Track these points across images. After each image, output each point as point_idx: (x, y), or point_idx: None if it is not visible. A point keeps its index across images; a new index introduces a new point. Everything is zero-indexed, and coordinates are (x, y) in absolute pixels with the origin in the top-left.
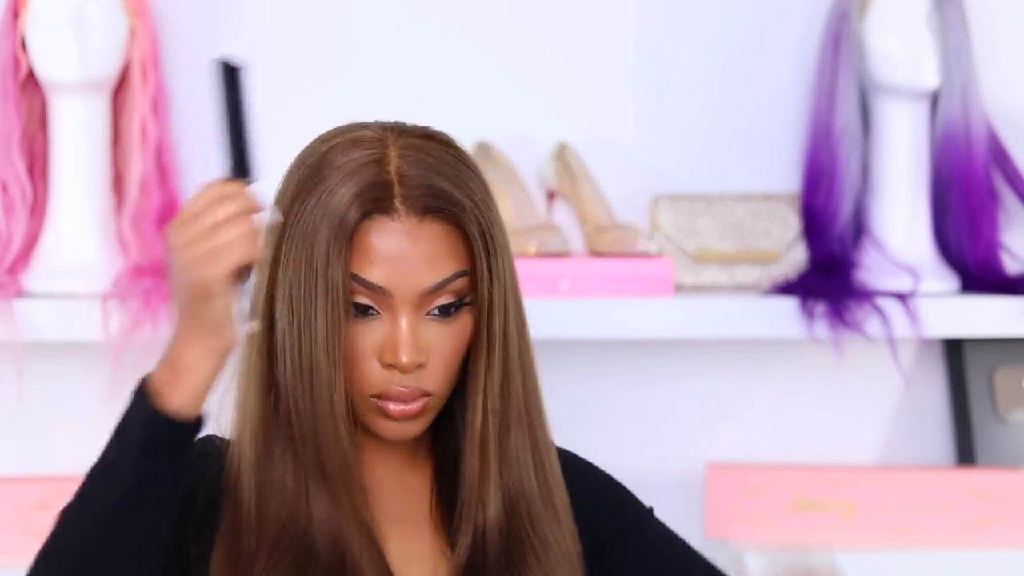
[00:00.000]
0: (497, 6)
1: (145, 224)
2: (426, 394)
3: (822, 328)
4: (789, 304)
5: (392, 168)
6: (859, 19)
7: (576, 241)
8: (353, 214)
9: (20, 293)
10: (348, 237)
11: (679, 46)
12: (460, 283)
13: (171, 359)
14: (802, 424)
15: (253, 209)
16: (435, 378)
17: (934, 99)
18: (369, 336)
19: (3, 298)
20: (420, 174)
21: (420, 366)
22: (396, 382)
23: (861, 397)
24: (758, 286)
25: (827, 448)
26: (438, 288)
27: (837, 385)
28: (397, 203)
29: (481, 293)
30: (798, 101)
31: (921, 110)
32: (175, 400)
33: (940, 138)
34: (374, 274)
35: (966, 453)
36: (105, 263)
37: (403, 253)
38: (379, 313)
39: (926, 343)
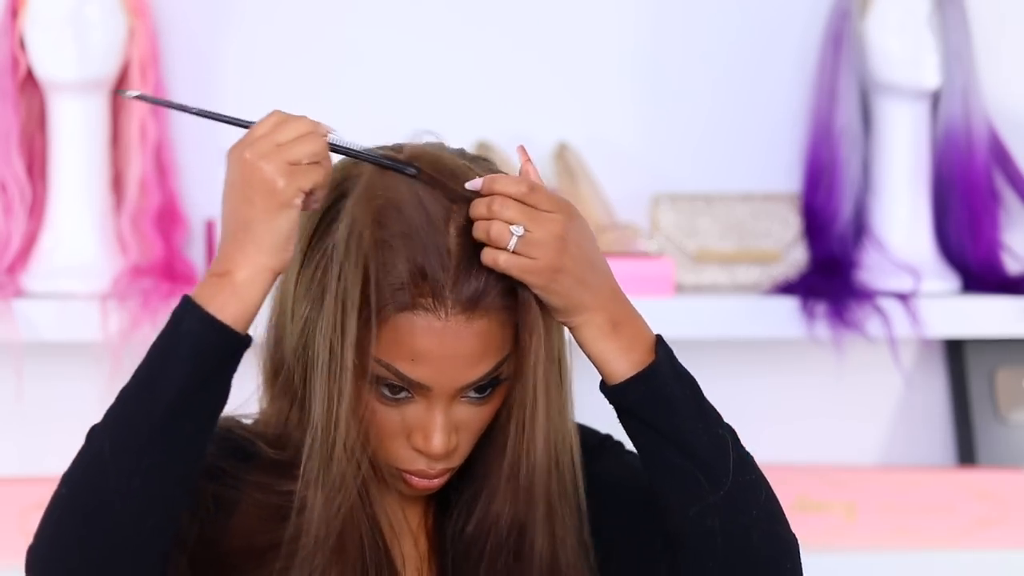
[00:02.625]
0: (497, 6)
1: (145, 224)
2: (451, 469)
3: (822, 328)
4: (789, 304)
5: (451, 256)
6: (860, 18)
7: None
8: (398, 300)
9: (19, 293)
10: (381, 321)
11: (679, 46)
12: (502, 368)
13: (224, 276)
14: (802, 424)
15: (323, 130)
16: (462, 454)
17: (935, 99)
18: (399, 417)
19: (2, 298)
20: (474, 264)
21: (451, 451)
22: (424, 464)
23: (861, 397)
24: (758, 286)
25: (827, 448)
26: (479, 381)
27: (837, 385)
28: (447, 297)
29: (518, 370)
30: (798, 101)
31: (922, 110)
32: (228, 312)
33: (941, 138)
34: (414, 371)
35: (967, 453)
36: (104, 263)
37: (447, 353)
38: (412, 396)
39: (927, 343)
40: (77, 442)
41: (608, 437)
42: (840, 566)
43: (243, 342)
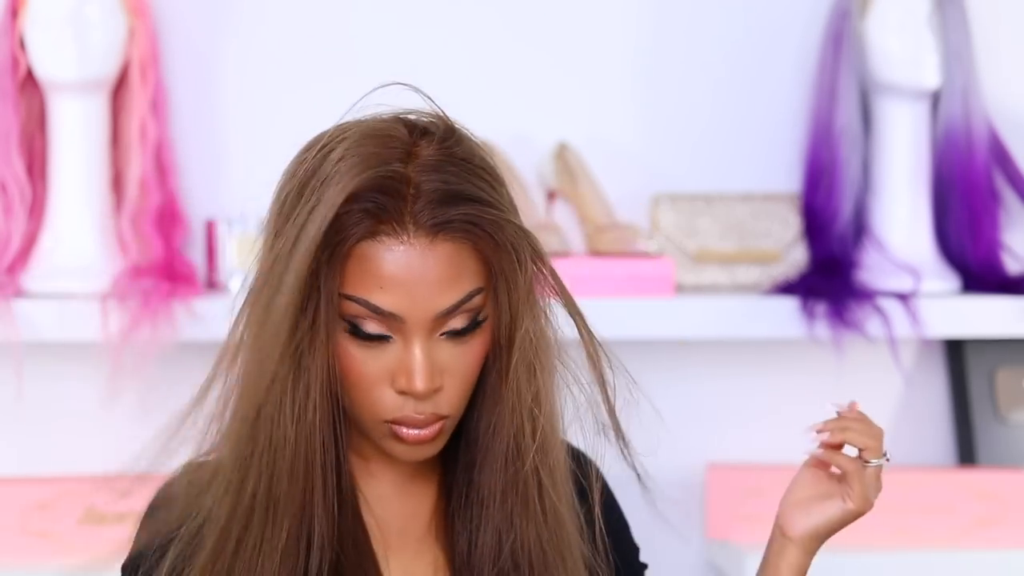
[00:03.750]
0: (497, 6)
1: (144, 224)
2: (442, 417)
3: (822, 328)
4: (789, 304)
5: (410, 178)
6: (860, 18)
7: (576, 241)
8: (356, 231)
9: (19, 293)
10: (344, 255)
11: (679, 46)
12: (475, 301)
13: None
14: (802, 424)
15: None
16: (451, 400)
17: (935, 99)
18: (380, 361)
19: (2, 298)
20: (435, 187)
21: (436, 391)
22: (411, 408)
23: (861, 397)
24: (758, 286)
25: None
26: (452, 310)
27: (837, 385)
28: (407, 220)
29: (498, 308)
30: (798, 101)
31: (922, 110)
32: None
33: (941, 138)
34: (384, 300)
35: (967, 453)
36: (104, 263)
37: (414, 277)
38: (390, 337)
39: (927, 343)
40: (77, 442)
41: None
42: (840, 566)
43: None
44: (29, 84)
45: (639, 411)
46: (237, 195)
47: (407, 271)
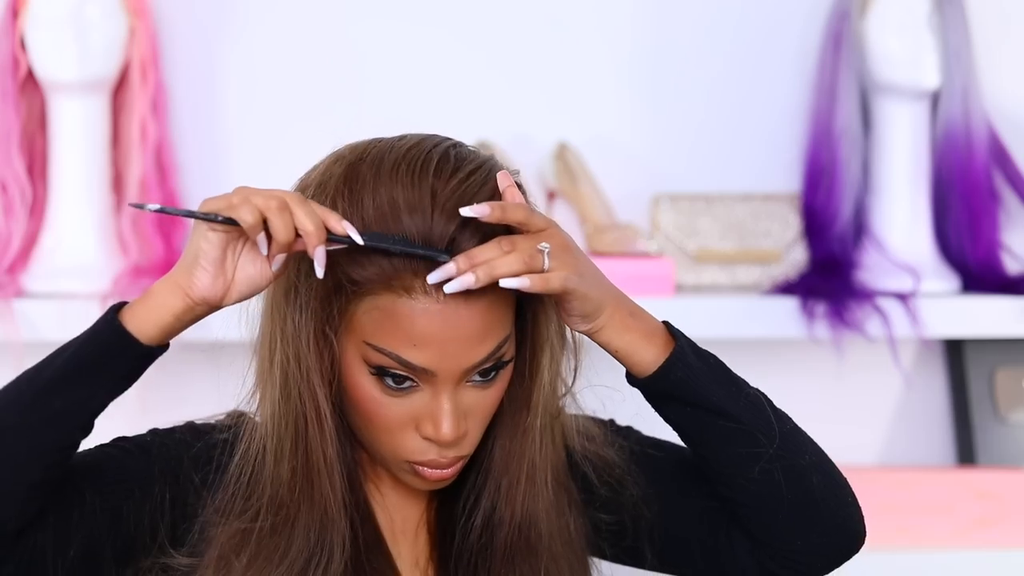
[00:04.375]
0: (497, 6)
1: (145, 224)
2: (463, 457)
3: (822, 328)
4: (789, 304)
5: (444, 238)
6: (859, 19)
7: (576, 241)
8: (394, 286)
9: (19, 293)
10: (370, 305)
11: (679, 46)
12: (504, 348)
13: (146, 289)
14: (802, 424)
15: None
16: (473, 441)
17: (934, 99)
18: (406, 407)
19: (2, 298)
20: (468, 236)
21: (462, 436)
22: (435, 453)
23: (861, 397)
24: (758, 286)
25: (827, 448)
26: (484, 362)
27: (837, 385)
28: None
29: (523, 342)
30: (798, 101)
31: (921, 110)
32: (131, 315)
33: (940, 138)
34: (417, 357)
35: (966, 453)
36: (105, 263)
37: (448, 335)
38: (417, 384)
39: (926, 343)
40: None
41: (613, 421)
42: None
43: (131, 343)
44: (30, 84)
45: (640, 410)
46: None
47: (442, 329)
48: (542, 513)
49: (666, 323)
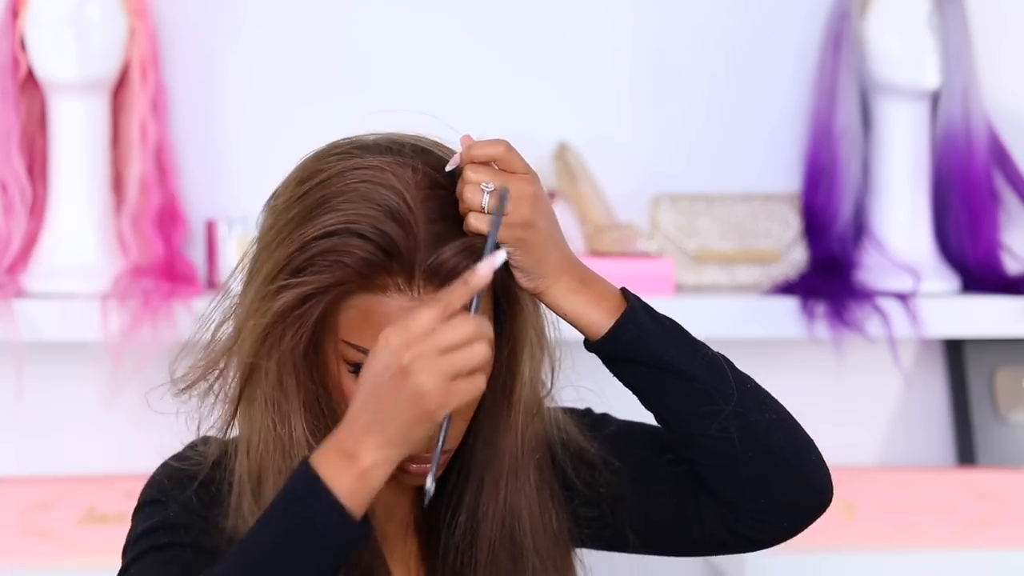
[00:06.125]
0: (497, 6)
1: (145, 224)
2: (446, 451)
3: (822, 328)
4: (789, 304)
5: (414, 229)
6: (859, 19)
7: (576, 241)
8: (367, 283)
9: (19, 293)
10: (346, 305)
11: (679, 46)
12: None
13: (352, 458)
14: (802, 424)
15: (489, 335)
16: (457, 436)
17: (934, 99)
18: None
19: (2, 298)
20: (436, 231)
21: None
22: (418, 449)
23: (861, 397)
24: (758, 286)
25: (827, 448)
26: None
27: (837, 385)
28: (417, 275)
29: (501, 335)
30: (798, 101)
31: (921, 110)
32: (356, 501)
33: (940, 138)
34: None
35: (966, 453)
36: (105, 263)
37: None
38: None
39: (926, 343)
40: (77, 442)
41: (590, 410)
42: (839, 566)
43: (367, 533)
44: (30, 84)
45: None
46: (237, 195)
47: None
48: (525, 509)
49: (623, 289)
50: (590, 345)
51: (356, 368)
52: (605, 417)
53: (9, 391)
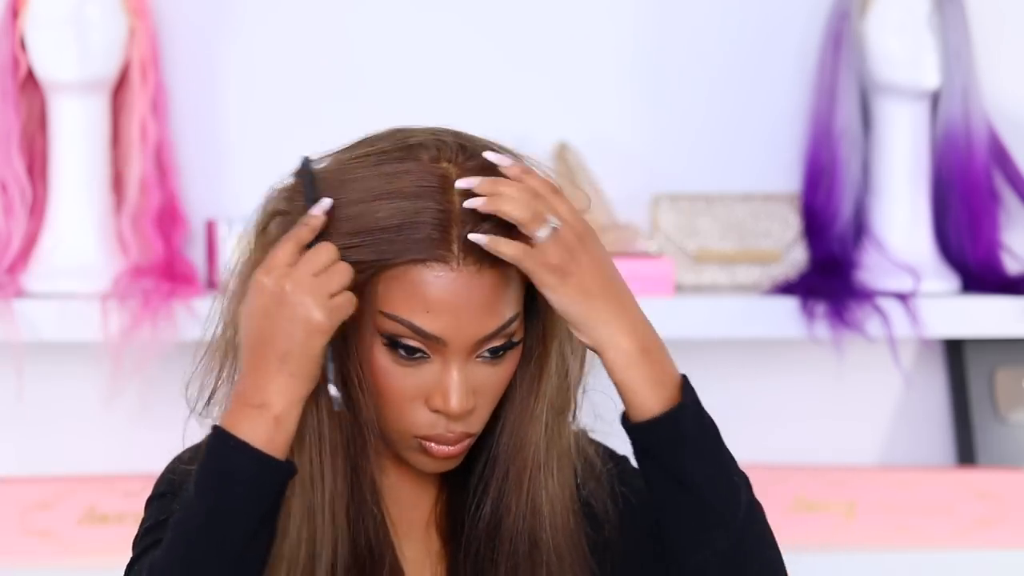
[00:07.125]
0: (497, 6)
1: (145, 224)
2: (470, 435)
3: (822, 328)
4: (789, 304)
5: (454, 208)
6: (859, 19)
7: None
8: (406, 255)
9: (19, 293)
10: (389, 276)
11: (679, 46)
12: (513, 326)
13: (261, 408)
14: (802, 424)
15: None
16: (481, 419)
17: (934, 99)
18: (416, 379)
19: (2, 298)
20: (483, 218)
21: (470, 412)
22: (443, 427)
23: (861, 397)
24: (758, 286)
25: (827, 448)
26: (494, 335)
27: (837, 385)
28: (456, 249)
29: (533, 326)
30: (798, 101)
31: (921, 110)
32: (276, 446)
33: (940, 138)
34: (430, 324)
35: (966, 453)
36: (105, 263)
37: (460, 303)
38: (428, 356)
39: (926, 343)
40: (77, 442)
41: (626, 459)
42: (839, 566)
43: (292, 471)
44: (30, 84)
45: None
46: (237, 195)
47: (454, 297)
48: (546, 506)
49: (684, 378)
50: (626, 424)
51: (390, 340)
52: (636, 476)
53: (9, 391)
